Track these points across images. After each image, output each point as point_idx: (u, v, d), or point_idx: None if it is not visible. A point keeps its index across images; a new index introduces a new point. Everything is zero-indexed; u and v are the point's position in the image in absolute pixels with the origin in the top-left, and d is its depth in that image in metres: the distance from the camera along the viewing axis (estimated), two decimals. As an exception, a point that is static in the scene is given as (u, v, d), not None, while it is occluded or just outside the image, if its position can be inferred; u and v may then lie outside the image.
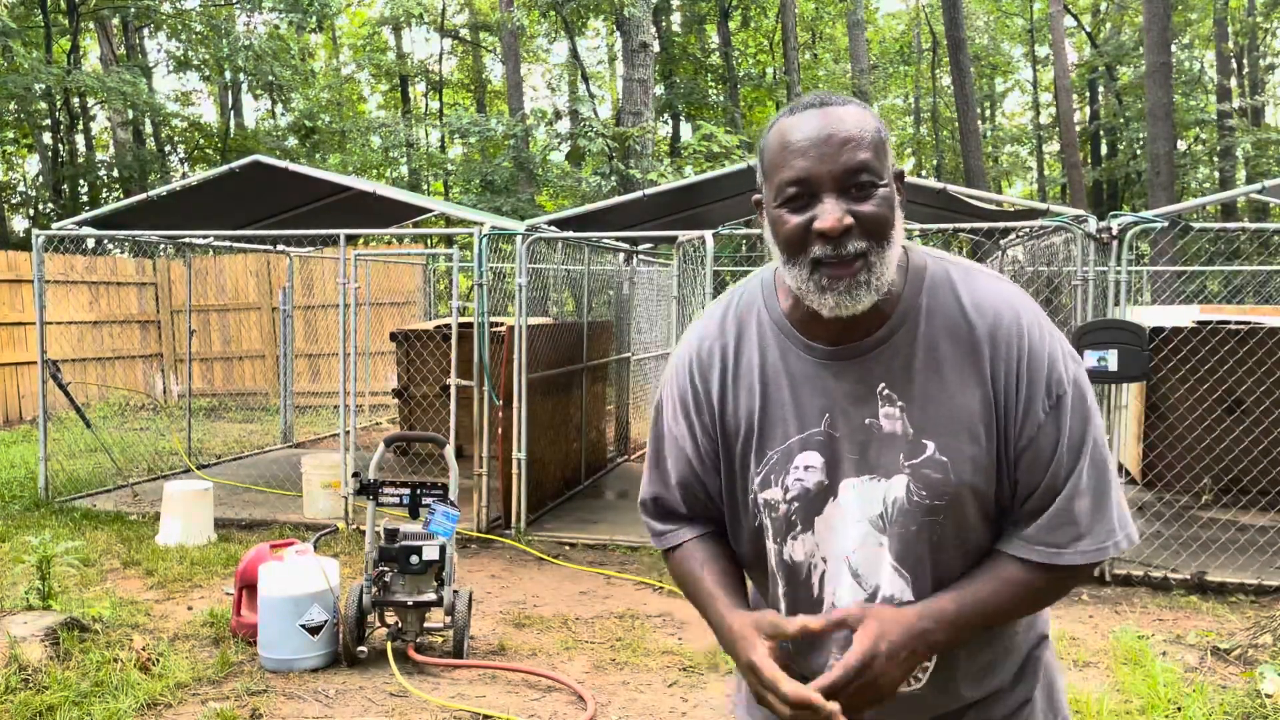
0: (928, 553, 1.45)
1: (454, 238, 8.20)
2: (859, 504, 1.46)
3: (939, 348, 1.43)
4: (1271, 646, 4.65)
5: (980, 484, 1.43)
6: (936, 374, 1.42)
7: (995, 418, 1.42)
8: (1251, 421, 7.99)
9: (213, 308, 15.37)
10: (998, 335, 1.42)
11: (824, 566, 1.50)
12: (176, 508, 6.86)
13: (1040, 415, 1.41)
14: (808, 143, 1.36)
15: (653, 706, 4.32)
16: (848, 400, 1.45)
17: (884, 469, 1.44)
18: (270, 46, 18.81)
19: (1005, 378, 1.41)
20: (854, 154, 1.35)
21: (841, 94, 1.42)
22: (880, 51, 32.42)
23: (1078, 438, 1.42)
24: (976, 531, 1.46)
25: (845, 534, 1.47)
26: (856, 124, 1.37)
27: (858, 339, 1.45)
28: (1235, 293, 13.55)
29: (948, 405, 1.42)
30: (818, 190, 1.36)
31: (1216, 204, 16.14)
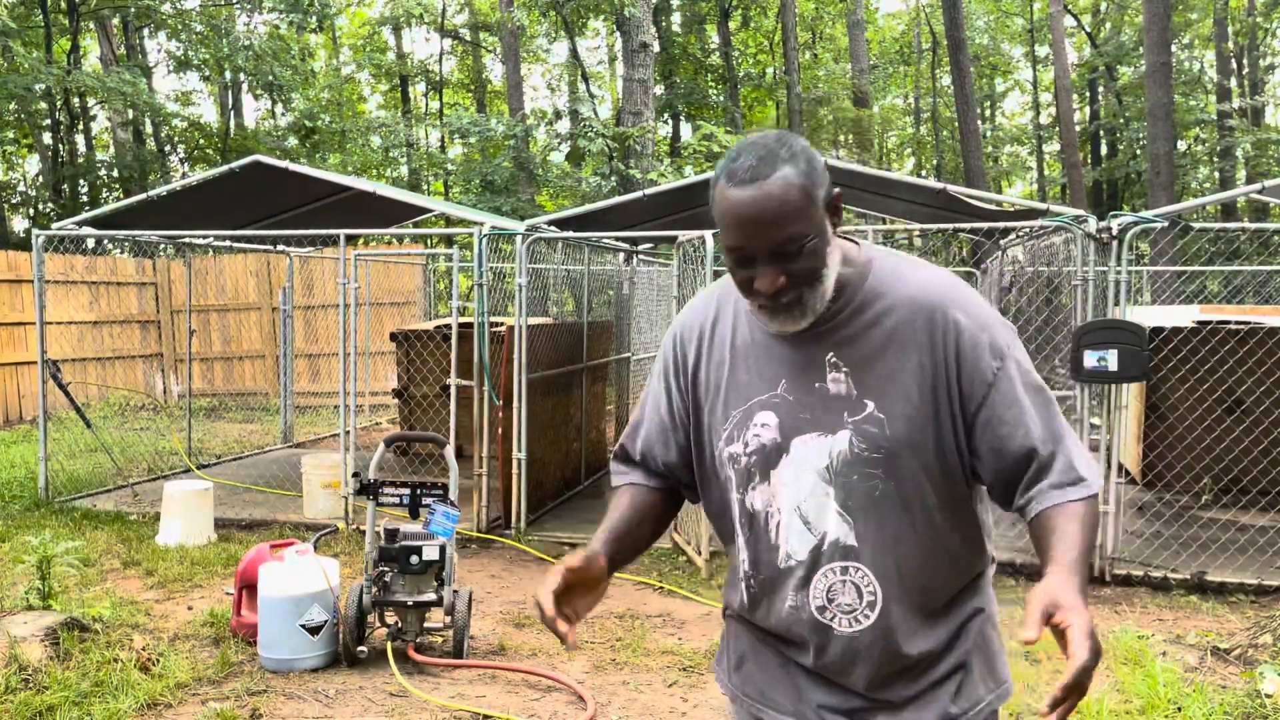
0: (869, 500, 1.65)
1: (454, 238, 8.21)
2: (808, 458, 1.67)
3: (880, 325, 1.66)
4: (1271, 646, 4.65)
5: (915, 438, 1.63)
6: (877, 346, 1.65)
7: (935, 382, 1.63)
8: (1251, 421, 7.99)
9: (213, 308, 15.37)
10: (934, 314, 1.64)
11: (779, 517, 1.70)
12: (176, 508, 6.86)
13: (989, 374, 1.63)
14: (744, 219, 1.57)
15: (653, 706, 4.32)
16: (800, 368, 1.69)
17: (830, 426, 1.66)
18: (270, 46, 18.81)
19: (944, 347, 1.63)
20: (781, 230, 1.56)
21: (779, 152, 1.57)
22: (880, 51, 32.43)
23: (1033, 391, 1.65)
24: (912, 483, 1.65)
25: (797, 485, 1.68)
26: (781, 199, 1.55)
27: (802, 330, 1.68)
28: (1235, 293, 13.55)
29: (886, 371, 1.64)
30: (754, 257, 1.59)
31: (1216, 204, 16.15)
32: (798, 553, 1.69)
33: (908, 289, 1.67)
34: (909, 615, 1.70)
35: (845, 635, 1.69)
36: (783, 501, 1.70)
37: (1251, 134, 23.67)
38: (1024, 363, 1.67)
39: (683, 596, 5.81)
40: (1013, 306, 8.53)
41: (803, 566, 1.69)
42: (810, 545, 1.68)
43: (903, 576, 1.68)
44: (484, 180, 18.95)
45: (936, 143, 30.06)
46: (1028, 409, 1.64)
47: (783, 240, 1.56)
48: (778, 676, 1.81)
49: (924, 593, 1.71)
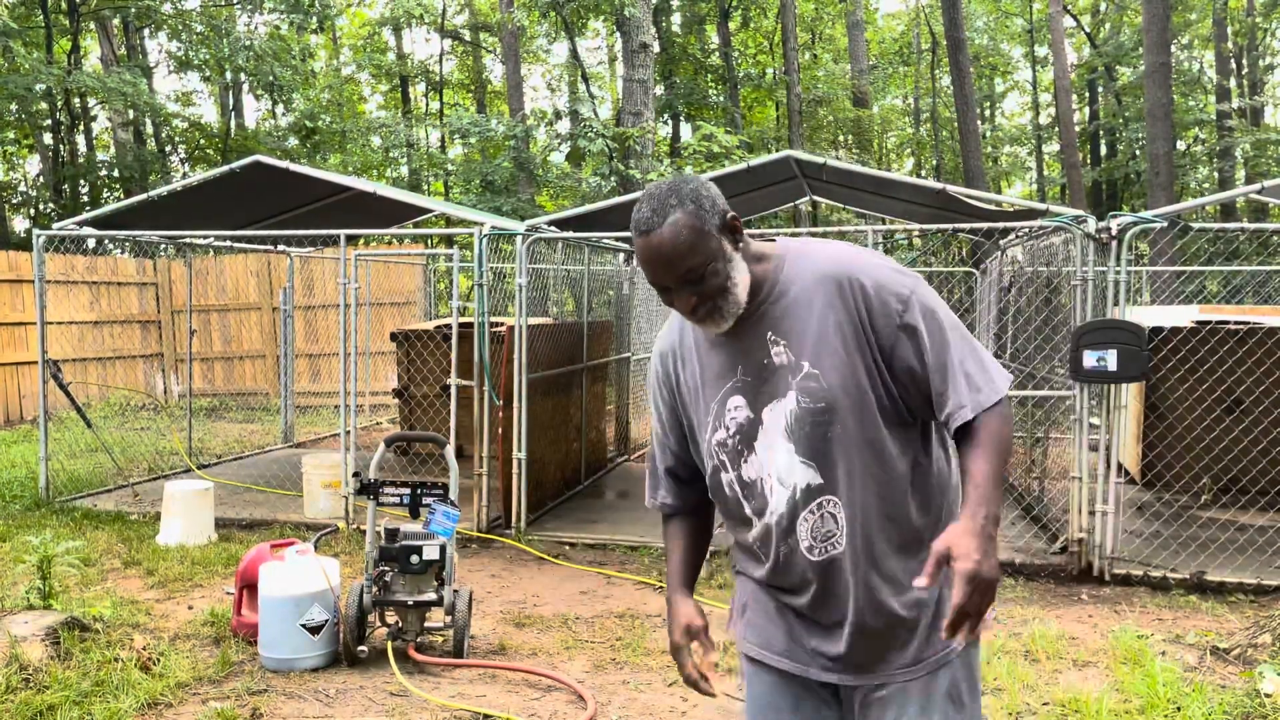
0: (824, 445, 1.95)
1: (454, 238, 8.21)
2: (775, 423, 1.98)
3: (801, 299, 1.96)
4: (1271, 646, 4.65)
5: (848, 383, 1.92)
6: (803, 316, 1.95)
7: (856, 333, 1.92)
8: (1251, 421, 8.00)
9: (213, 308, 15.38)
10: (840, 280, 1.94)
11: (769, 480, 2.01)
12: (177, 507, 6.86)
13: (896, 320, 1.91)
14: (650, 261, 1.92)
15: (653, 706, 4.33)
16: (748, 352, 2.00)
17: (780, 392, 1.97)
18: (271, 47, 18.81)
19: (854, 304, 1.92)
20: (680, 265, 1.89)
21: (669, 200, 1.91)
22: (880, 52, 32.40)
23: (936, 324, 1.92)
24: (854, 421, 1.93)
25: (774, 449, 1.99)
26: (673, 241, 1.89)
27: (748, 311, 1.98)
28: (1234, 293, 13.55)
29: (814, 334, 1.94)
30: (669, 288, 1.94)
31: (1216, 204, 16.16)
32: (779, 506, 2.00)
33: (816, 266, 1.97)
34: (879, 537, 1.97)
35: (824, 562, 1.98)
36: (769, 467, 2.00)
37: (1251, 134, 23.66)
38: (926, 301, 1.94)
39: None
40: (1012, 306, 8.54)
41: (785, 517, 1.99)
42: (786, 498, 1.98)
43: (868, 503, 1.96)
44: (484, 180, 18.95)
45: (936, 143, 30.05)
46: (931, 337, 1.91)
47: (684, 272, 1.90)
48: (775, 621, 2.09)
49: (890, 520, 1.98)
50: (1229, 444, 7.98)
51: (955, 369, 1.92)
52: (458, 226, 13.49)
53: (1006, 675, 4.56)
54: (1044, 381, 7.24)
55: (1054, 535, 6.84)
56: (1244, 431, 7.92)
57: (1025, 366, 7.82)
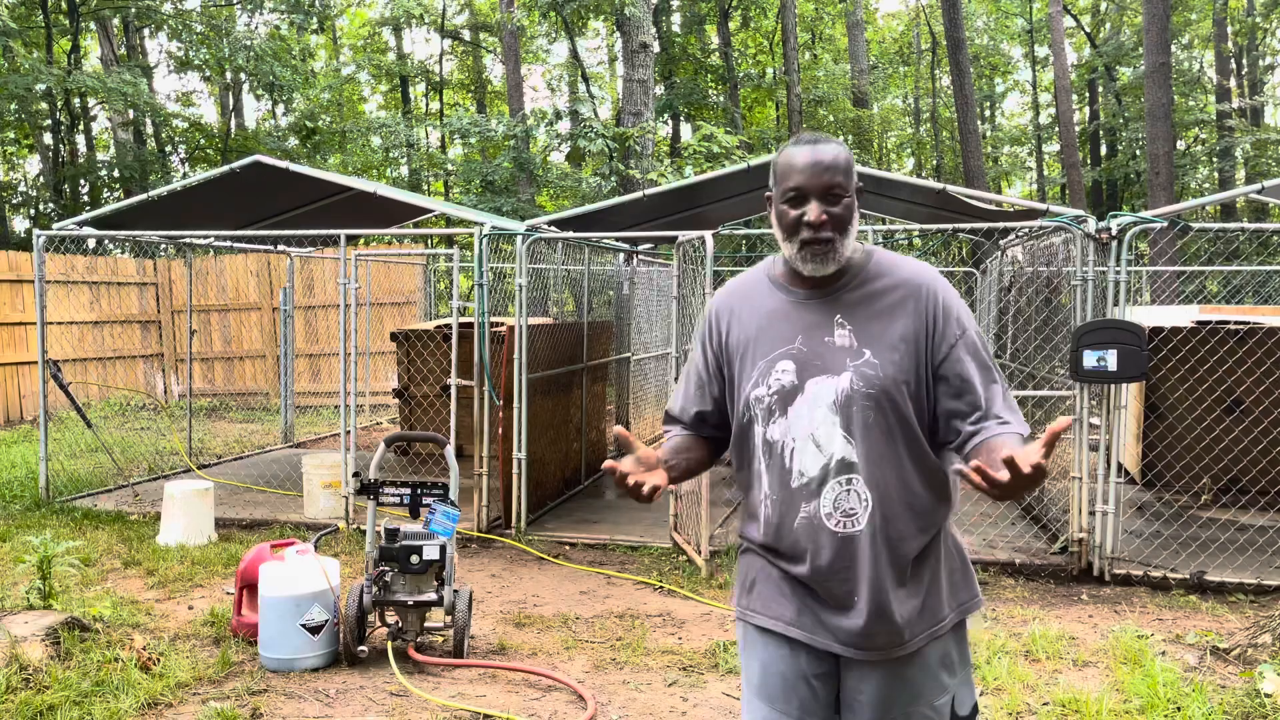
0: (865, 426, 2.10)
1: (454, 238, 8.21)
2: (821, 394, 2.13)
3: (877, 295, 2.16)
4: (1271, 646, 4.65)
5: (900, 378, 2.09)
6: (875, 310, 2.15)
7: (919, 338, 2.12)
8: (1251, 421, 8.00)
9: (213, 308, 15.38)
10: (921, 289, 2.15)
11: (793, 445, 2.15)
12: (177, 507, 6.86)
13: (952, 338, 2.12)
14: (804, 165, 2.11)
15: (653, 706, 4.33)
16: (813, 326, 2.17)
17: (835, 369, 2.13)
18: (271, 47, 18.81)
19: (928, 313, 2.13)
20: (832, 175, 2.10)
21: (833, 139, 2.16)
22: (880, 52, 32.40)
23: (987, 361, 2.14)
24: (898, 415, 2.10)
25: (810, 417, 2.13)
26: (834, 155, 2.12)
27: (823, 287, 2.19)
28: (1235, 293, 13.55)
29: (880, 328, 2.13)
30: (808, 196, 2.11)
31: (1216, 204, 16.16)
32: (809, 470, 2.13)
33: (903, 271, 2.18)
34: (895, 521, 2.11)
35: (843, 535, 2.11)
36: (797, 431, 2.14)
37: (1251, 134, 23.66)
38: (977, 340, 2.16)
39: (683, 596, 5.82)
40: (1012, 306, 8.54)
41: (814, 482, 2.12)
42: (820, 464, 2.12)
43: (889, 489, 2.11)
44: (484, 180, 18.94)
45: (936, 143, 30.04)
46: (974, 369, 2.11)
47: (831, 184, 2.09)
48: (785, 593, 2.21)
49: (906, 506, 2.12)
50: (1229, 444, 7.98)
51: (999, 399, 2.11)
52: (458, 226, 13.48)
53: (1006, 675, 4.56)
54: (1044, 381, 7.24)
55: (1054, 535, 6.84)
56: (1244, 431, 7.92)
57: (1025, 366, 7.82)
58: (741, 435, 2.24)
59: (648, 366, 11.32)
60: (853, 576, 2.11)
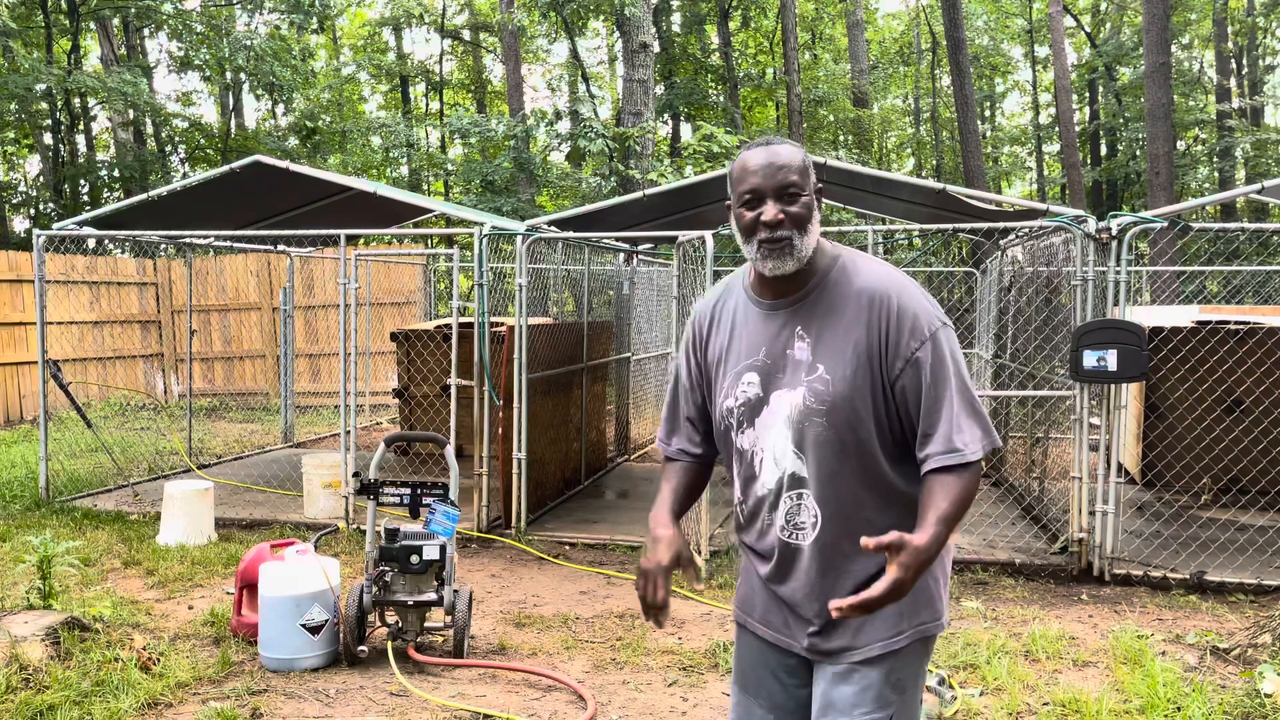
0: (815, 442, 2.10)
1: (454, 238, 8.21)
2: (780, 408, 2.14)
3: (836, 306, 2.12)
4: (1271, 646, 4.65)
5: (852, 395, 2.07)
6: (832, 322, 2.11)
7: (872, 352, 2.07)
8: (1251, 421, 8.00)
9: (213, 308, 15.38)
10: (875, 298, 2.09)
11: (761, 455, 2.18)
12: (177, 507, 6.86)
13: (907, 353, 2.05)
14: (757, 167, 2.11)
15: (653, 706, 4.33)
16: (775, 338, 2.17)
17: (792, 384, 2.12)
18: (271, 47, 18.81)
19: (881, 325, 2.07)
20: (785, 175, 2.10)
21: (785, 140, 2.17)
22: (880, 52, 32.40)
23: (944, 371, 2.06)
24: (848, 430, 2.08)
25: (774, 429, 2.15)
26: (787, 155, 2.11)
27: (786, 296, 2.16)
28: (1235, 293, 13.54)
29: (837, 342, 2.09)
30: (763, 196, 2.10)
31: (1216, 204, 16.15)
32: (769, 483, 2.18)
33: (861, 280, 2.12)
34: (844, 538, 2.12)
35: (793, 547, 2.17)
36: (764, 443, 2.17)
37: (1251, 134, 23.66)
38: (943, 347, 2.07)
39: (683, 596, 5.82)
40: (1012, 306, 8.54)
41: (771, 494, 2.17)
42: (775, 477, 2.16)
43: (840, 505, 2.11)
44: (484, 180, 18.94)
45: (936, 143, 30.04)
46: (930, 385, 2.05)
47: (786, 183, 2.09)
48: (757, 591, 2.29)
49: (861, 523, 2.11)
50: (1229, 444, 7.98)
51: (945, 417, 2.05)
52: (458, 226, 13.48)
53: (1006, 675, 4.56)
54: (1044, 381, 7.24)
55: (1054, 535, 6.84)
56: (1244, 431, 7.92)
57: (1025, 366, 7.82)
58: (722, 440, 2.30)
59: (648, 366, 11.32)
60: (801, 586, 2.18)
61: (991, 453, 2.13)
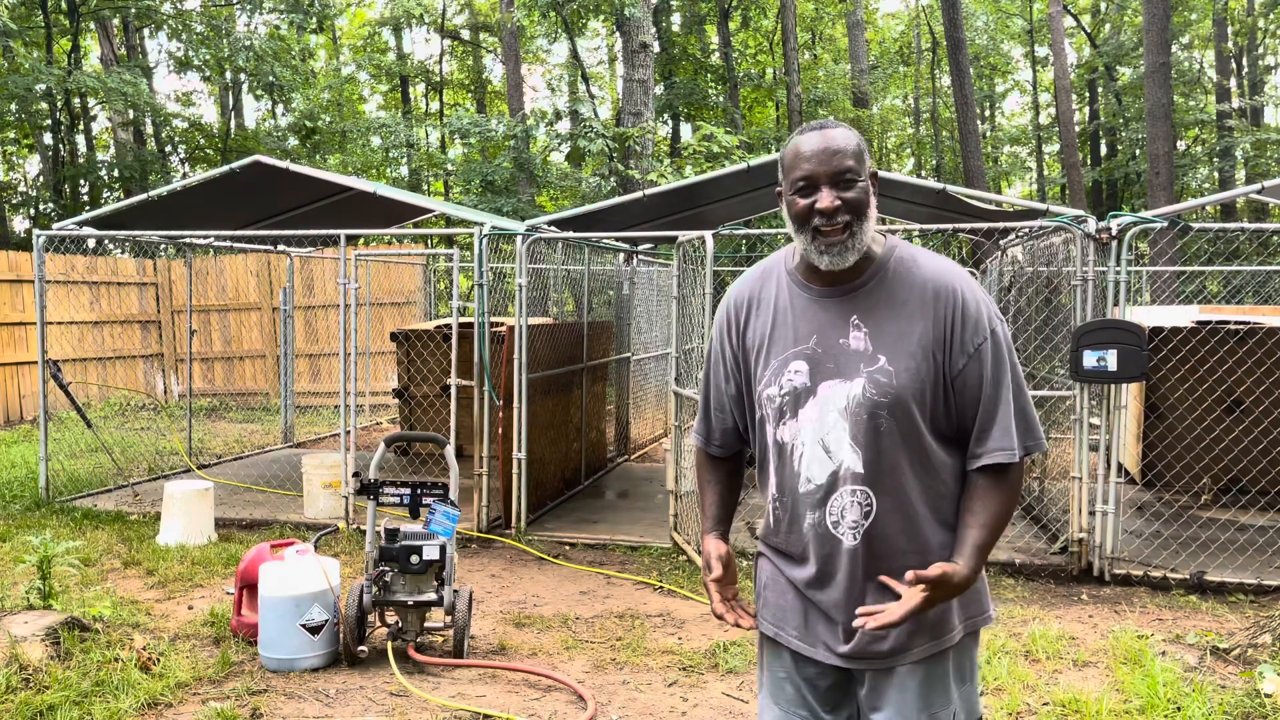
0: (875, 436, 2.03)
1: (454, 238, 8.20)
2: (832, 398, 2.05)
3: (897, 296, 2.05)
4: (1271, 646, 4.65)
5: (915, 387, 2.01)
6: (893, 312, 2.04)
7: (936, 345, 2.02)
8: (1251, 421, 8.00)
9: (213, 308, 15.38)
10: (941, 291, 2.04)
11: (802, 449, 2.09)
12: (177, 507, 6.86)
13: (970, 348, 2.03)
14: (812, 152, 2.02)
15: (653, 706, 4.33)
16: (829, 326, 2.08)
17: (848, 374, 2.04)
18: (271, 47, 18.81)
19: (947, 318, 2.03)
20: (842, 159, 2.00)
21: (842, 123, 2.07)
22: (880, 52, 32.39)
23: (1003, 367, 2.05)
24: (909, 423, 2.02)
25: (820, 421, 2.06)
26: (843, 139, 2.02)
27: (839, 285, 2.08)
28: (1235, 293, 13.55)
29: (898, 333, 2.03)
30: (818, 183, 2.01)
31: (1216, 204, 16.16)
32: (817, 477, 2.08)
33: (923, 271, 2.06)
34: (899, 532, 2.06)
35: (846, 548, 2.07)
36: (807, 435, 2.07)
37: (1251, 134, 23.66)
38: (1003, 344, 2.05)
39: (683, 596, 5.81)
40: (1012, 306, 8.54)
41: (821, 489, 2.07)
42: (829, 471, 2.06)
43: (898, 498, 2.05)
44: (484, 181, 18.94)
45: (936, 143, 30.04)
46: (989, 381, 2.04)
47: (842, 169, 2.00)
48: (789, 601, 2.19)
49: (912, 523, 2.07)
50: (1229, 444, 7.98)
51: (1004, 414, 2.04)
52: (458, 226, 13.48)
53: (1006, 675, 4.56)
54: (1044, 381, 7.24)
55: (1054, 535, 6.84)
56: (1244, 431, 7.92)
57: (1025, 366, 7.82)
58: (757, 431, 2.21)
59: (648, 366, 11.32)
60: (845, 588, 2.09)
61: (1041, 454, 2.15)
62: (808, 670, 2.19)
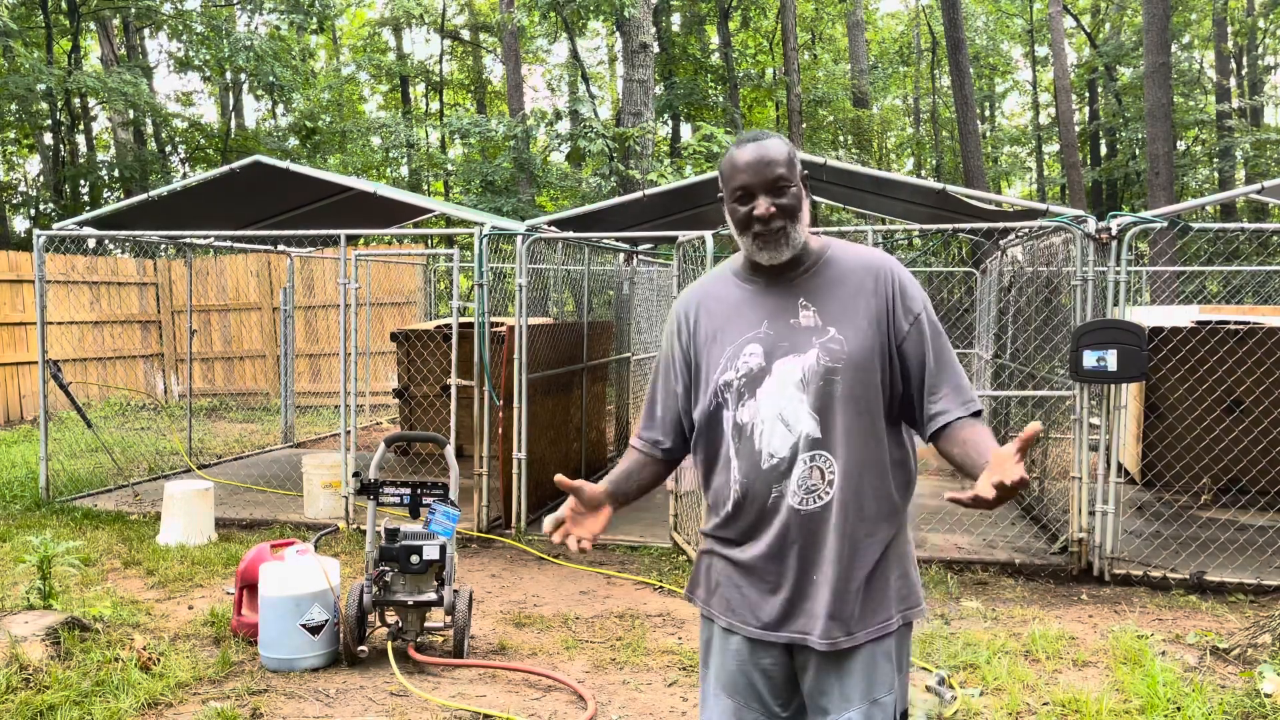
0: (831, 400, 2.16)
1: (454, 238, 8.20)
2: (788, 374, 2.19)
3: (837, 278, 2.24)
4: (1271, 646, 4.65)
5: (865, 351, 2.17)
6: (836, 291, 2.23)
7: (880, 315, 2.20)
8: (1251, 421, 8.00)
9: (213, 308, 15.38)
10: (879, 270, 2.24)
11: (762, 426, 2.20)
12: (177, 507, 6.87)
13: (911, 316, 2.21)
14: (748, 164, 2.21)
15: (653, 706, 4.33)
16: (777, 310, 2.25)
17: (801, 348, 2.20)
18: (271, 47, 18.81)
19: (888, 292, 2.21)
20: (774, 169, 2.19)
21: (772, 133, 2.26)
22: (880, 52, 32.39)
23: (940, 336, 2.24)
24: (865, 389, 2.17)
25: (779, 395, 2.19)
26: (774, 150, 2.21)
27: (785, 275, 2.27)
28: (1235, 293, 13.55)
29: (842, 307, 2.21)
30: (755, 192, 2.20)
31: (1216, 204, 16.16)
32: (780, 450, 2.19)
33: (860, 257, 2.27)
34: (868, 495, 2.17)
35: (808, 512, 2.17)
36: (766, 412, 2.20)
37: (1251, 134, 23.66)
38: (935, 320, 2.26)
39: (682, 595, 5.82)
40: (1012, 306, 8.54)
41: (784, 462, 2.18)
42: (790, 443, 2.18)
43: (859, 463, 2.16)
44: (484, 181, 18.95)
45: (936, 143, 30.04)
46: (931, 347, 2.21)
47: (775, 178, 2.18)
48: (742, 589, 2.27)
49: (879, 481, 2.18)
50: (1229, 444, 7.98)
51: (950, 376, 2.22)
52: (458, 226, 13.49)
53: (1006, 675, 4.56)
54: (1044, 381, 7.24)
55: (1054, 535, 6.84)
56: (1244, 431, 7.93)
57: (1025, 366, 7.82)
58: (709, 423, 2.29)
59: (648, 366, 11.32)
60: (813, 555, 2.17)
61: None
62: (763, 660, 2.26)
